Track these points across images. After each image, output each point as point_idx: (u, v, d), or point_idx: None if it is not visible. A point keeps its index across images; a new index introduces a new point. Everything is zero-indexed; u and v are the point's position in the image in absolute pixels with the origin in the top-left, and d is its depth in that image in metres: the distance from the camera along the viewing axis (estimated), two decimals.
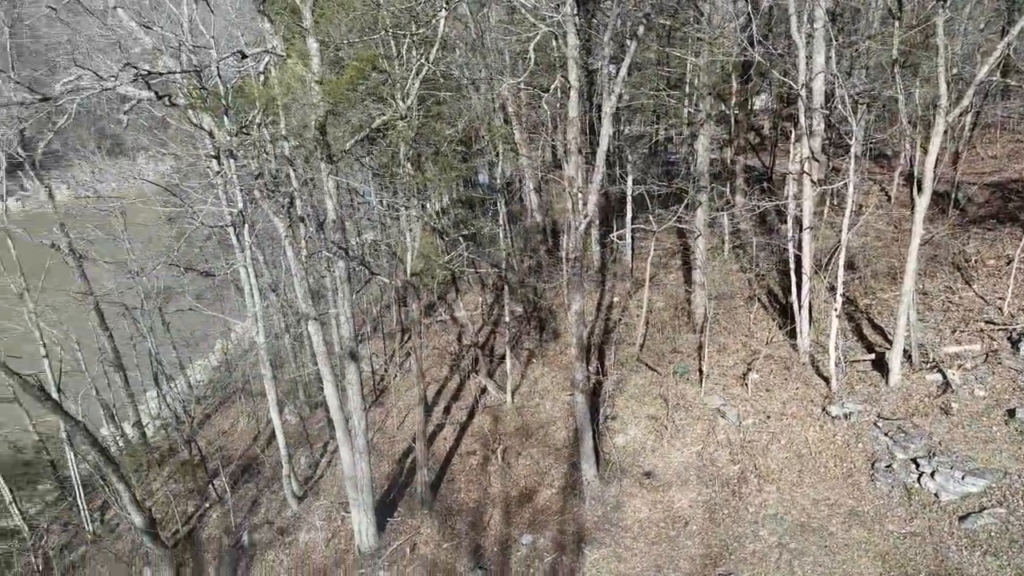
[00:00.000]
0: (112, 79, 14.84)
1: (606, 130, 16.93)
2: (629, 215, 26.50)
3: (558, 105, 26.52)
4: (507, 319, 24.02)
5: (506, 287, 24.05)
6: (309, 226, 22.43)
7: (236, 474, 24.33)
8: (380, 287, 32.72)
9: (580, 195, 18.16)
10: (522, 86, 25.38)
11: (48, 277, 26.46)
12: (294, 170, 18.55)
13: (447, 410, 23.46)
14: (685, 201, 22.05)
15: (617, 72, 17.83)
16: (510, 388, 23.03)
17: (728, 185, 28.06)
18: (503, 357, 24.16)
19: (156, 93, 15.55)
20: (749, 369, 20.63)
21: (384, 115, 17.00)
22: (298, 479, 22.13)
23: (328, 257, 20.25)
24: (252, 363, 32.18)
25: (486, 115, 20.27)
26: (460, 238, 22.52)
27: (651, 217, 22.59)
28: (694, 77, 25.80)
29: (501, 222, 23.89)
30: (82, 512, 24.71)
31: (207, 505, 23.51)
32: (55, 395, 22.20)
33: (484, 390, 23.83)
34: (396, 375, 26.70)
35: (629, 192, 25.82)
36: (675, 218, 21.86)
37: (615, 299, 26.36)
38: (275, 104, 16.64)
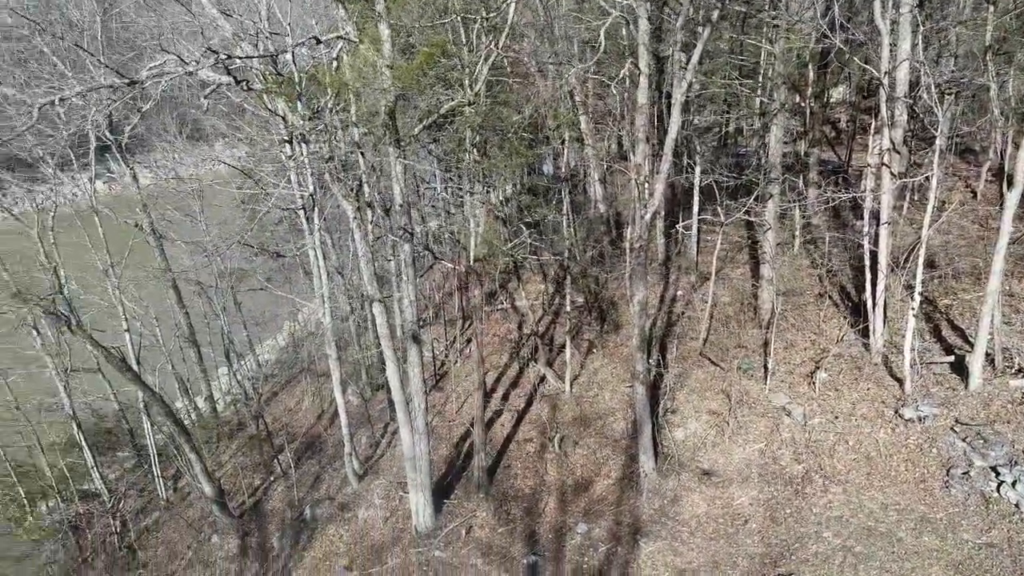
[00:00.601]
0: (194, 63, 15.41)
1: (675, 118, 16.62)
2: (696, 207, 25.99)
3: (626, 95, 26.20)
4: (568, 309, 23.93)
5: (568, 277, 23.96)
6: (376, 210, 22.87)
7: (300, 450, 25.06)
8: (443, 274, 33.08)
9: (646, 184, 17.92)
10: (590, 74, 25.18)
11: (131, 255, 27.82)
12: (363, 156, 18.93)
13: (505, 397, 23.58)
14: (755, 193, 21.47)
15: (688, 60, 17.46)
16: (569, 378, 22.96)
17: (801, 178, 27.17)
18: (563, 347, 24.10)
19: (235, 78, 16.05)
20: (817, 367, 19.99)
21: (452, 101, 17.14)
22: (359, 458, 22.64)
23: (394, 241, 20.61)
24: (318, 344, 33.07)
25: (553, 102, 20.19)
26: (523, 226, 22.54)
27: (719, 208, 22.09)
28: (768, 67, 25.06)
29: (565, 211, 23.78)
30: (157, 479, 25.97)
31: (272, 479, 24.32)
32: (135, 367, 23.30)
33: (543, 378, 23.84)
34: (456, 361, 26.97)
35: (697, 183, 25.31)
36: (744, 210, 21.30)
37: (679, 292, 25.93)
38: (347, 89, 17.01)
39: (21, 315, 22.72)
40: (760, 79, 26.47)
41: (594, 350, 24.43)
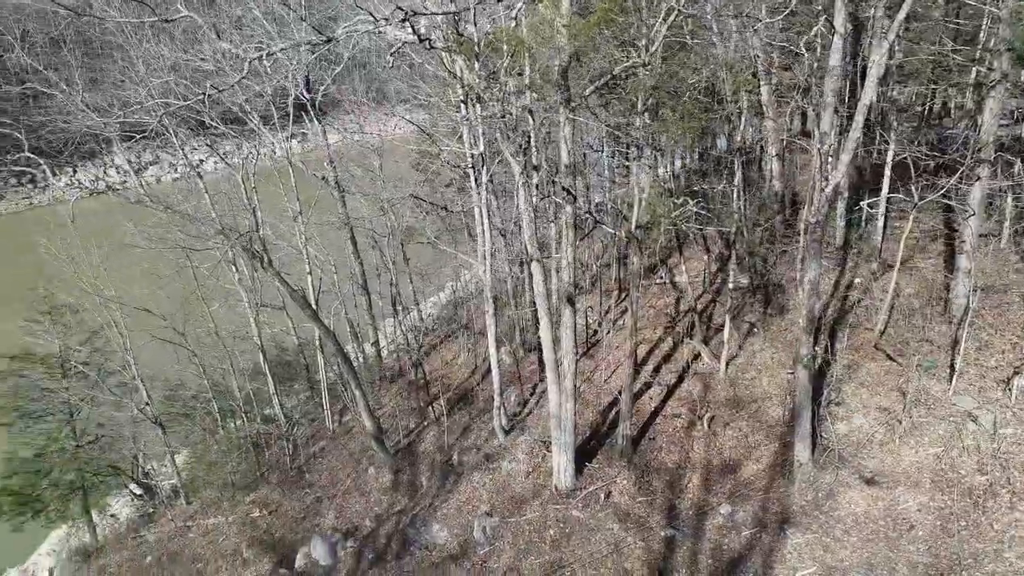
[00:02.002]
0: (384, 21, 16.29)
1: (870, 84, 15.20)
2: (885, 187, 23.77)
3: (815, 65, 24.34)
4: (731, 288, 22.96)
5: (733, 255, 22.95)
6: (542, 172, 23.15)
7: (452, 401, 26.23)
8: (603, 243, 32.93)
9: (830, 156, 16.65)
10: (776, 41, 23.66)
11: (316, 206, 30.27)
12: (532, 118, 19.15)
13: (656, 370, 23.18)
14: (959, 172, 19.22)
15: (892, 20, 15.86)
16: (725, 358, 22.10)
17: (1020, 160, 23.97)
18: (721, 326, 23.20)
19: (419, 36, 16.77)
20: (1016, 373, 17.72)
21: (626, 61, 16.82)
22: (507, 413, 23.31)
23: (557, 203, 20.79)
24: (476, 304, 34.29)
25: (733, 65, 19.21)
26: (688, 197, 21.84)
27: (912, 189, 20.03)
28: (991, 35, 22.19)
29: (736, 185, 22.70)
30: (326, 412, 28.37)
31: (425, 424, 25.72)
32: (314, 307, 25.42)
33: (697, 356, 23.15)
34: (609, 331, 26.85)
35: (889, 160, 23.11)
36: (942, 192, 19.16)
37: (856, 280, 23.99)
38: (523, 48, 17.22)
39: (224, 251, 25.60)
40: (978, 48, 23.52)
41: (755, 332, 23.30)
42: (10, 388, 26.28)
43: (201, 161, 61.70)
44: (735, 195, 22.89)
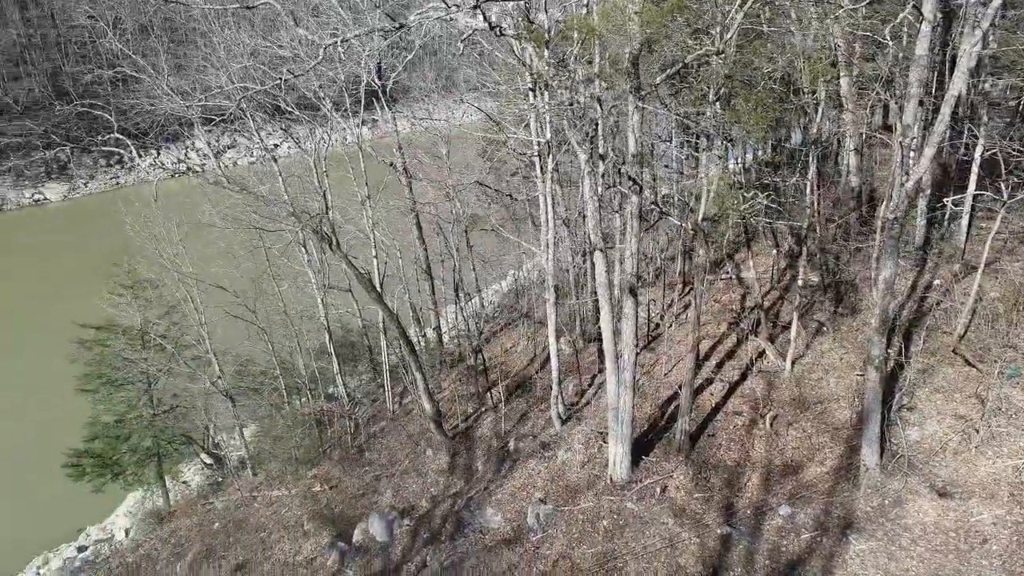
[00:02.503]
0: (455, 8, 16.40)
1: (960, 74, 14.45)
2: (972, 184, 22.59)
3: (901, 55, 23.25)
4: (800, 285, 22.28)
5: (804, 251, 22.24)
6: (607, 162, 22.93)
7: (511, 388, 26.39)
8: (668, 235, 32.46)
9: (912, 149, 15.93)
10: (859, 30, 22.71)
11: (384, 191, 30.86)
12: (601, 106, 18.97)
13: (719, 367, 22.74)
14: None
15: (986, 6, 15.03)
16: (791, 357, 21.50)
17: None
18: (788, 324, 22.56)
19: (489, 24, 16.83)
20: None
21: (699, 49, 16.46)
22: (564, 403, 23.32)
23: (622, 193, 20.57)
24: (537, 293, 34.34)
25: (811, 54, 18.52)
26: (759, 191, 21.25)
27: (1001, 187, 18.97)
28: None
29: (810, 179, 21.96)
30: (387, 393, 28.99)
31: (483, 409, 25.97)
32: (379, 290, 25.96)
33: (762, 354, 22.59)
34: (671, 325, 26.47)
35: (977, 156, 21.95)
36: None
37: (936, 281, 22.92)
38: (593, 35, 17.07)
39: (295, 233, 26.40)
40: None
41: (824, 331, 22.57)
42: (95, 357, 27.83)
43: (276, 146, 63.58)
44: (808, 189, 22.13)
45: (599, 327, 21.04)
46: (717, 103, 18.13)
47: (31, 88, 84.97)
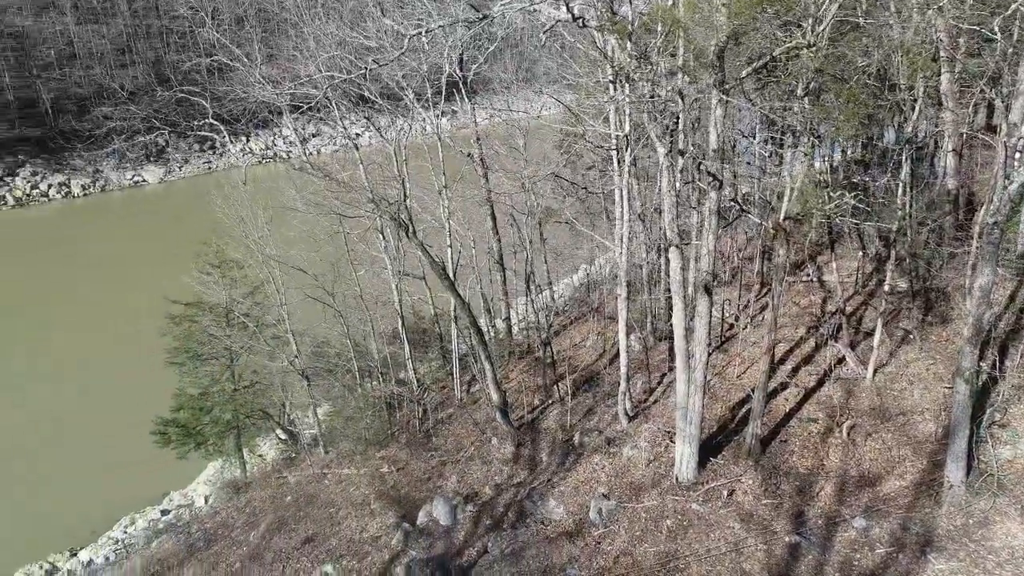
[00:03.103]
0: None
1: None
2: None
3: (1010, 50, 21.81)
4: (887, 290, 21.31)
5: (892, 255, 21.25)
6: (687, 157, 22.51)
7: (578, 382, 26.31)
8: (747, 235, 31.61)
9: (1018, 150, 14.98)
10: (963, 24, 21.43)
11: (460, 181, 31.22)
12: (683, 99, 18.62)
13: (794, 371, 22.05)
14: None
15: None
16: (873, 365, 20.63)
17: None
18: (871, 331, 21.63)
19: (573, 15, 16.76)
20: None
21: (789, 42, 15.91)
22: (632, 400, 23.10)
23: (700, 189, 20.17)
24: (609, 289, 34.10)
25: (910, 48, 17.58)
26: (846, 190, 20.42)
27: None
28: None
29: (902, 179, 20.94)
30: (455, 380, 29.40)
31: (549, 402, 26.00)
32: (451, 278, 26.32)
33: (841, 360, 21.76)
34: (746, 326, 25.83)
35: None
36: None
37: None
38: (678, 27, 16.75)
39: (373, 219, 27.07)
40: None
41: (910, 340, 21.54)
42: (183, 331, 29.31)
43: (358, 135, 65.28)
44: (900, 191, 21.10)
45: (671, 325, 20.71)
46: (806, 98, 17.50)
47: (135, 76, 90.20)
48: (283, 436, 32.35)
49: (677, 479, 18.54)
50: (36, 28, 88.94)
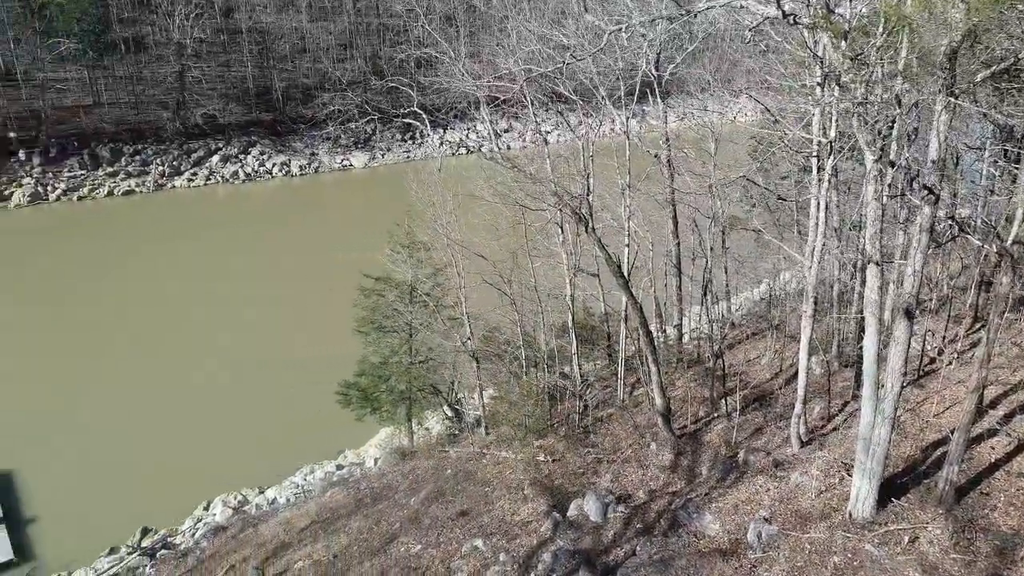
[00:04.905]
0: None
1: None
2: None
3: None
4: None
5: None
6: (898, 167, 20.57)
7: (748, 399, 25.07)
8: (961, 260, 28.29)
9: None
10: None
11: (644, 182, 30.85)
12: (899, 104, 17.04)
13: (1007, 418, 19.41)
14: None
15: None
16: None
17: None
18: None
19: (783, 11, 15.95)
20: None
21: None
22: (807, 424, 21.60)
23: (912, 204, 18.36)
24: (792, 306, 32.10)
25: None
26: None
27: None
28: None
29: None
30: (619, 381, 29.16)
31: (715, 415, 25.02)
32: (626, 277, 26.09)
33: None
34: (951, 362, 23.17)
35: None
36: None
37: None
38: (904, 23, 15.31)
39: (554, 213, 27.53)
40: None
41: None
42: (371, 304, 31.74)
43: (548, 132, 66.75)
44: None
45: (859, 350, 19.11)
46: None
47: (353, 69, 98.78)
48: (449, 413, 33.96)
49: (850, 515, 17.07)
50: (276, 24, 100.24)
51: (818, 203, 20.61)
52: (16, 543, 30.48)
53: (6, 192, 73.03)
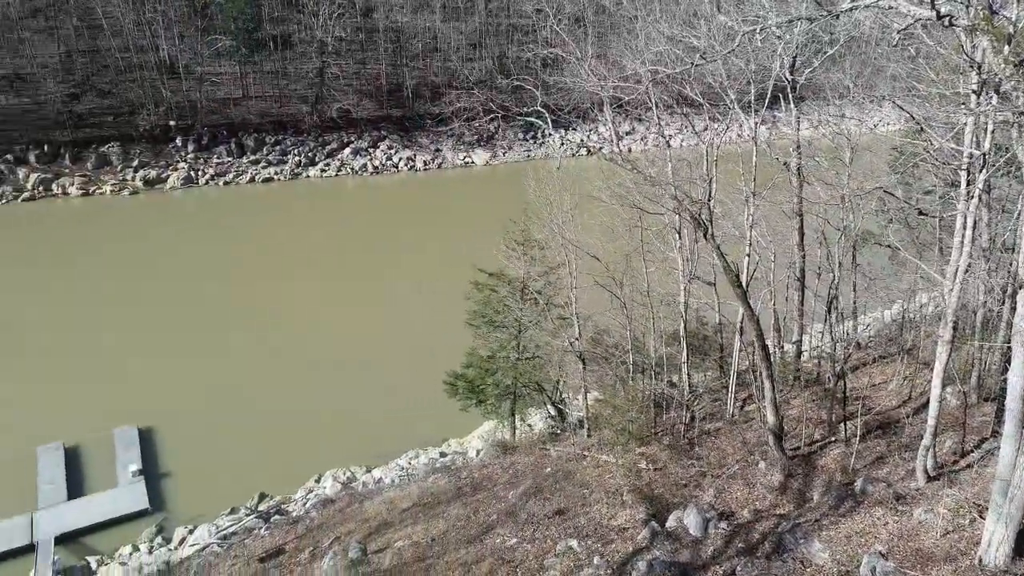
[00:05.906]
0: None
1: None
2: None
3: None
4: None
5: None
6: None
7: (870, 425, 23.58)
8: None
9: None
10: None
11: (771, 190, 29.58)
12: None
13: None
14: None
15: None
16: None
17: None
18: None
19: (937, 13, 14.85)
20: None
21: None
22: (936, 458, 20.02)
23: None
24: (927, 331, 29.85)
25: None
26: None
27: None
28: None
29: None
30: (730, 395, 28.19)
31: (832, 439, 23.70)
32: (744, 288, 25.14)
33: None
34: None
35: None
36: None
37: None
38: None
39: (672, 218, 26.97)
40: None
41: None
42: (483, 298, 32.32)
43: (671, 136, 65.47)
44: None
45: (1003, 382, 17.47)
46: None
47: (481, 68, 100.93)
48: (552, 411, 34.05)
49: (981, 560, 15.67)
50: (411, 24, 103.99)
51: (965, 220, 19.03)
52: (152, 494, 33.51)
53: (162, 175, 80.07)
